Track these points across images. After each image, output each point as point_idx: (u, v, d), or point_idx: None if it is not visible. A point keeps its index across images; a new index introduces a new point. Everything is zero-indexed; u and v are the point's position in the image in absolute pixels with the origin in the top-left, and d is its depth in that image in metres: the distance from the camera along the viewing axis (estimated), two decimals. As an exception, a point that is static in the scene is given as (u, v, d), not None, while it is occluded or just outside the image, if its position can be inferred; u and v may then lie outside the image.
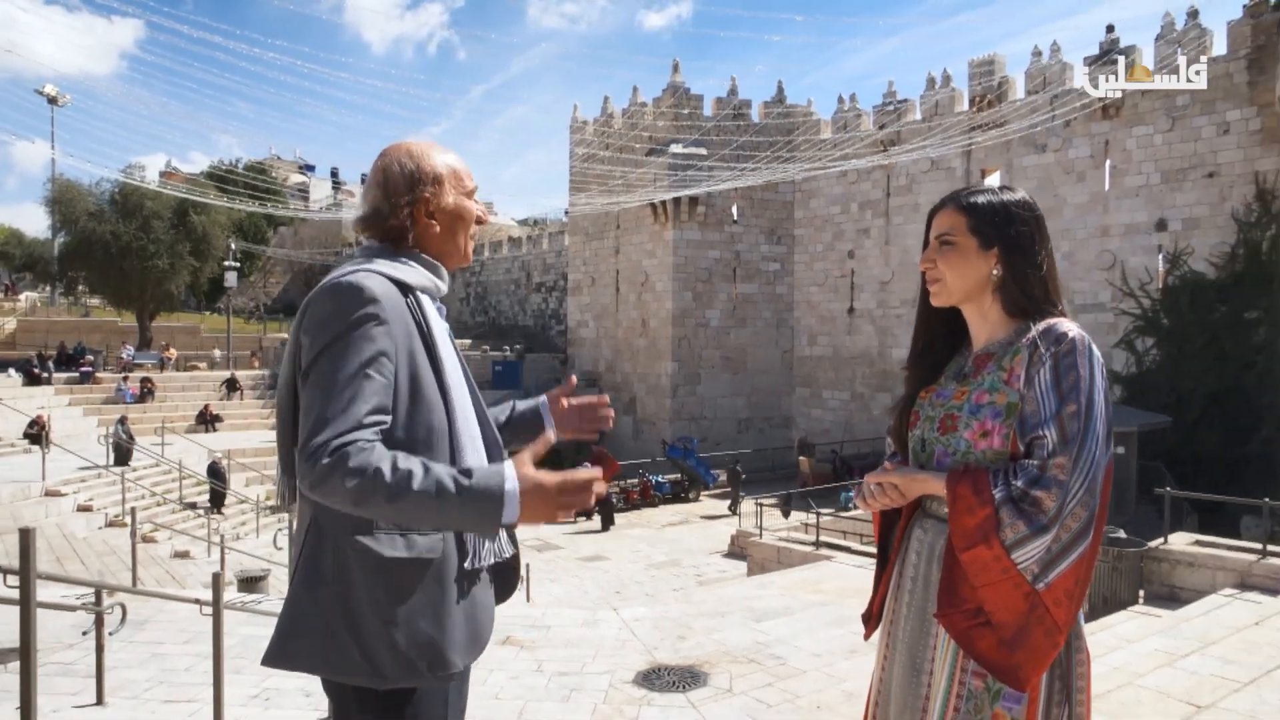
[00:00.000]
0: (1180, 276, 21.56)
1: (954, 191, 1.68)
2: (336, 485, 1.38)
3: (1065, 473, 1.41)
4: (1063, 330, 1.51)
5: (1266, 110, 20.08)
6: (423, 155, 1.69)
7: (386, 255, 1.66)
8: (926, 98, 26.76)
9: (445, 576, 1.57)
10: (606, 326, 31.98)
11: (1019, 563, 1.41)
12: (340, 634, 1.52)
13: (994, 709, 1.45)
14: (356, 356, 1.46)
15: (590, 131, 32.21)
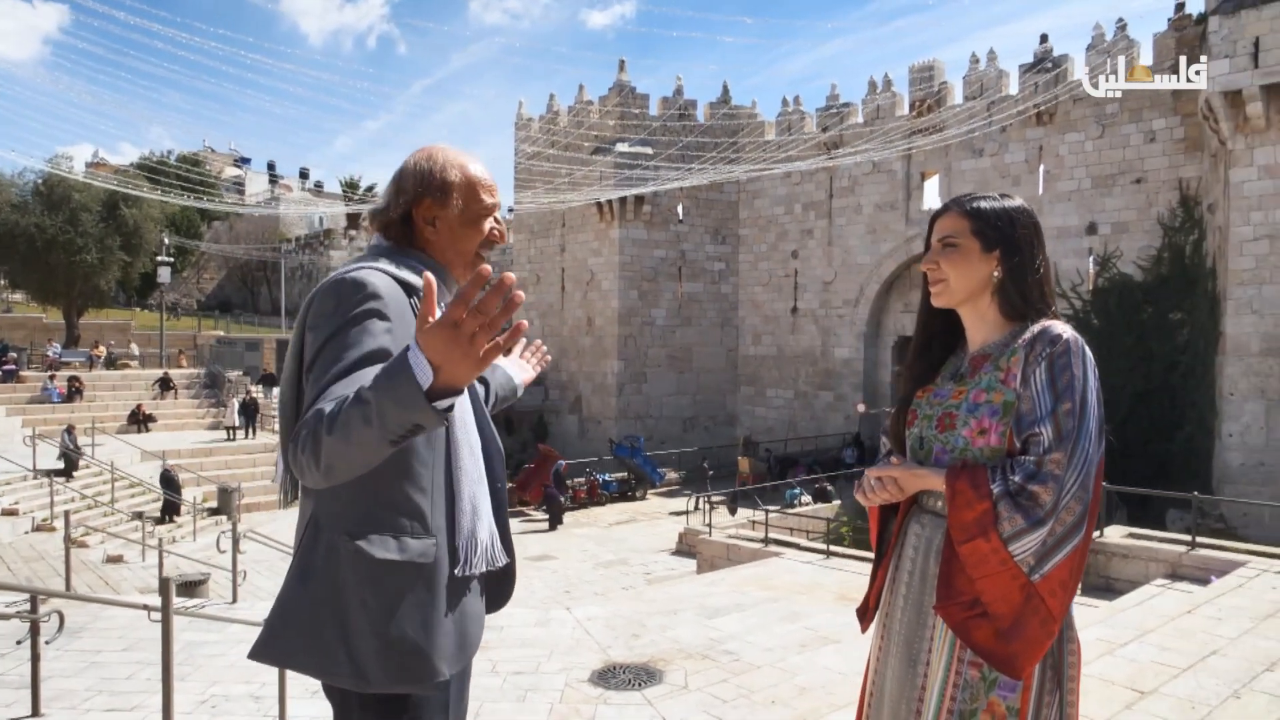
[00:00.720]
0: (1109, 278, 22.31)
1: (956, 197, 1.73)
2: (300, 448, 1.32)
3: (1061, 468, 1.46)
4: (1057, 332, 1.57)
5: (1189, 120, 20.89)
6: (442, 161, 1.69)
7: (391, 255, 1.66)
8: (868, 101, 27.23)
9: (436, 583, 1.55)
10: (552, 325, 31.86)
11: (1016, 555, 1.46)
12: (328, 634, 1.51)
13: (989, 697, 1.50)
14: (356, 350, 1.45)
15: (536, 129, 32.06)
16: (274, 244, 53.33)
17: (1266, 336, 16.77)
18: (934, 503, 1.67)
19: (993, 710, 1.50)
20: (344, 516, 1.53)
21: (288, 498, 1.70)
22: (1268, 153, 16.78)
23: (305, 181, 71.39)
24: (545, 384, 31.95)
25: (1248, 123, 16.85)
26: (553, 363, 31.64)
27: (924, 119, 25.35)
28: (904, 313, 27.34)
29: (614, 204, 28.39)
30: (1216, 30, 17.03)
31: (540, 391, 31.98)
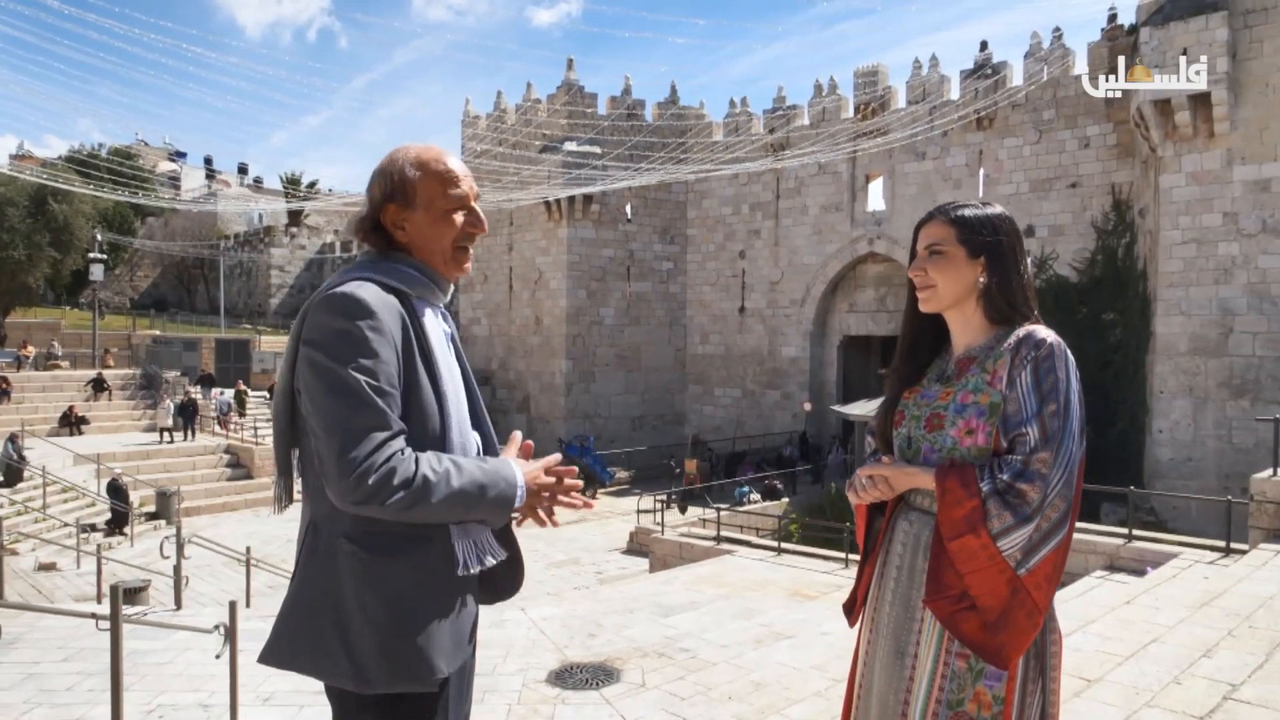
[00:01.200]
0: (1046, 280, 22.94)
1: (939, 206, 1.79)
2: (386, 498, 1.44)
3: (1047, 467, 1.52)
4: (1041, 336, 1.64)
5: (1122, 126, 21.60)
6: (400, 161, 1.70)
7: (376, 263, 1.68)
8: (814, 104, 27.59)
9: (432, 582, 1.58)
10: (499, 324, 31.67)
11: (1004, 550, 1.51)
12: (328, 636, 1.54)
13: (976, 687, 1.56)
14: (363, 370, 1.49)
15: (483, 126, 31.82)
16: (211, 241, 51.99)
17: (1194, 337, 17.42)
18: (922, 500, 1.72)
19: (979, 699, 1.55)
20: (342, 519, 1.56)
21: (281, 505, 1.72)
22: (1194, 160, 17.43)
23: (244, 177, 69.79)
24: (493, 383, 31.74)
25: (1176, 131, 17.48)
26: (500, 362, 31.46)
27: (869, 122, 25.78)
28: (849, 313, 27.78)
29: (562, 203, 28.32)
30: (1147, 41, 17.63)
31: (488, 391, 31.75)
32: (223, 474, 21.03)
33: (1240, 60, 16.83)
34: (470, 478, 1.53)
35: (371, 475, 1.44)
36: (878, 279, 27.00)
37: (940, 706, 1.58)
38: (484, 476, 1.54)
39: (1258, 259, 16.73)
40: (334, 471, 1.45)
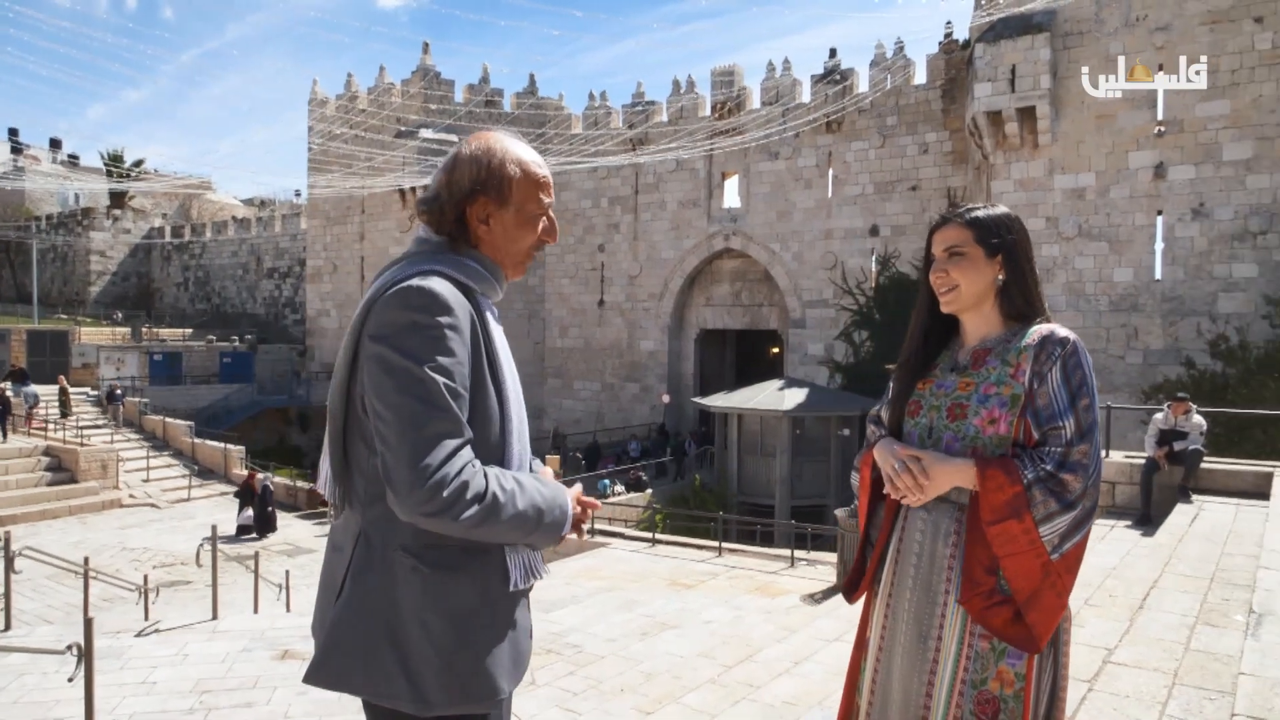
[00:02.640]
0: (889, 277, 24.30)
1: (948, 211, 1.84)
2: (459, 513, 1.36)
3: (1086, 458, 1.61)
4: (1063, 334, 1.72)
5: (957, 134, 23.13)
6: (501, 156, 1.59)
7: (444, 254, 1.57)
8: (673, 101, 28.02)
9: (493, 598, 1.52)
10: (350, 316, 30.37)
11: (1044, 535, 1.60)
12: (384, 655, 1.44)
13: (999, 666, 1.64)
14: (441, 370, 1.40)
15: (332, 109, 30.46)
16: (19, 221, 47.25)
17: (1021, 331, 18.86)
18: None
19: (1002, 677, 1.64)
20: (399, 531, 1.47)
21: (338, 511, 1.58)
22: (1022, 168, 18.87)
23: (57, 152, 63.82)
24: (343, 378, 30.54)
25: (1006, 140, 18.87)
26: (352, 355, 30.28)
27: (725, 121, 26.44)
28: (706, 307, 28.43)
29: (417, 191, 27.50)
30: (981, 56, 18.93)
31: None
32: (42, 478, 19.23)
33: (1060, 78, 18.34)
34: (531, 500, 1.47)
35: (446, 487, 1.35)
36: (733, 274, 27.75)
37: (965, 686, 1.66)
38: (543, 501, 1.49)
39: (1074, 260, 18.31)
40: (405, 480, 1.35)
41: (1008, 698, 1.63)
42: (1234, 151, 16.79)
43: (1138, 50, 17.60)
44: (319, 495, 10.79)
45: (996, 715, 1.63)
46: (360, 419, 1.50)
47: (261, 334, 34.36)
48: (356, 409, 1.50)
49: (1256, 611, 3.14)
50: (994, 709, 1.64)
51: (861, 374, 24.30)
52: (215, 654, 6.93)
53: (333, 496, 1.56)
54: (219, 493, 20.63)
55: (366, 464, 1.50)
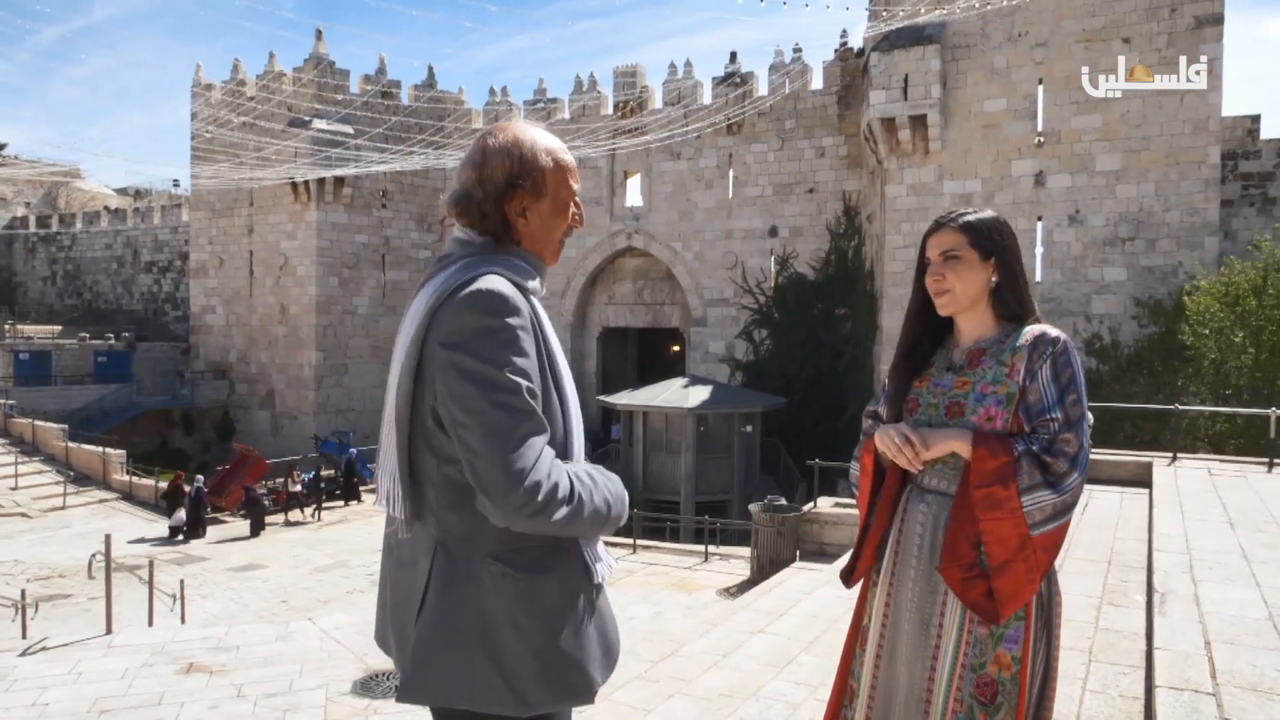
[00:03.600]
0: (788, 277, 24.93)
1: (940, 216, 1.93)
2: (554, 512, 1.38)
3: (1071, 447, 1.72)
4: (1054, 335, 1.82)
5: (852, 139, 23.91)
6: (531, 146, 1.57)
7: (494, 253, 1.55)
8: (575, 99, 27.97)
9: (579, 592, 1.52)
10: (239, 313, 29.23)
11: (1025, 506, 1.69)
12: (480, 664, 1.44)
13: (996, 650, 1.74)
14: (519, 372, 1.40)
15: (218, 96, 29.11)
16: None
17: (912, 330, 19.66)
18: (938, 483, 1.87)
19: (999, 661, 1.73)
20: (486, 539, 1.46)
21: (409, 522, 1.53)
22: (914, 173, 19.67)
23: (-98, 135, 58.76)
24: (231, 377, 29.28)
25: (899, 146, 19.62)
26: (240, 354, 29.11)
27: (627, 121, 26.57)
28: (608, 305, 28.52)
29: (311, 184, 26.66)
30: (876, 65, 19.63)
31: (225, 385, 29.27)
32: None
33: (950, 89, 19.20)
34: (604, 494, 1.49)
35: (541, 489, 1.36)
36: (635, 273, 27.93)
37: (965, 670, 1.75)
38: (610, 494, 1.51)
39: (962, 263, 19.19)
40: (501, 485, 1.34)
41: (1005, 680, 1.74)
42: (1105, 163, 17.94)
43: (1019, 64, 18.60)
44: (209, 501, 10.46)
45: (995, 697, 1.74)
46: (429, 429, 1.47)
47: (140, 331, 32.55)
48: (425, 419, 1.47)
49: (1160, 591, 3.40)
50: (992, 691, 1.74)
51: (761, 372, 24.86)
52: (113, 670, 6.60)
53: (399, 511, 1.53)
54: (98, 500, 19.48)
55: (436, 474, 1.48)
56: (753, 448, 21.25)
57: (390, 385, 1.54)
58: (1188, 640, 2.85)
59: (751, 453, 21.20)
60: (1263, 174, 20.38)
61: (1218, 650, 2.75)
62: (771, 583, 7.40)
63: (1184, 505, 5.47)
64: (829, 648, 4.87)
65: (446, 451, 1.46)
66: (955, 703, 1.76)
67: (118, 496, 19.93)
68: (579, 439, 1.58)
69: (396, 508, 1.53)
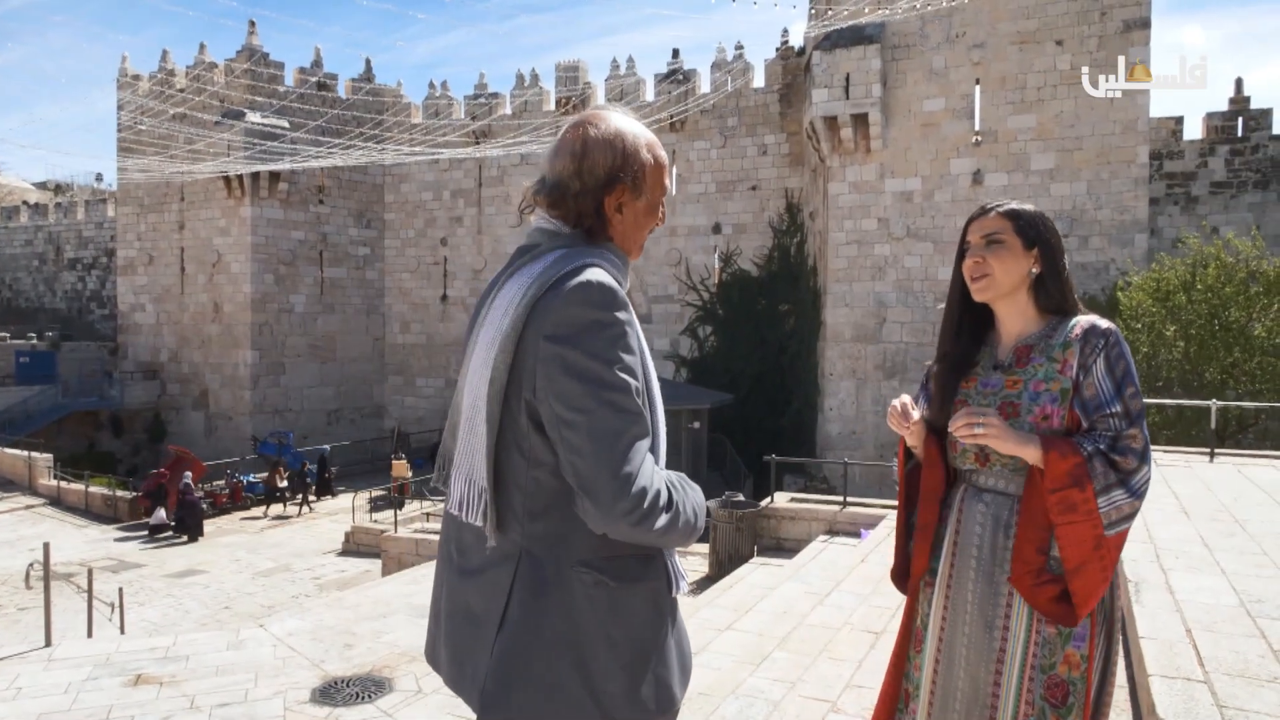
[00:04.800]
0: (732, 274, 25.10)
1: (985, 204, 1.89)
2: (656, 519, 1.32)
3: (1138, 443, 1.69)
4: (1105, 327, 1.77)
5: (794, 137, 24.16)
6: (633, 141, 1.48)
7: (590, 247, 1.46)
8: (517, 95, 27.72)
9: (664, 604, 1.46)
10: (169, 311, 28.28)
11: (1101, 507, 1.65)
12: (569, 680, 1.36)
13: (1065, 650, 1.72)
14: (628, 370, 1.34)
15: (146, 88, 28.10)
16: None
17: (856, 325, 20.00)
18: (995, 482, 1.83)
19: (1069, 660, 1.72)
20: (576, 546, 1.38)
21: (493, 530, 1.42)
22: (856, 171, 19.97)
23: None
24: (162, 377, 28.34)
25: (841, 145, 19.89)
26: (171, 353, 28.20)
27: (570, 117, 26.37)
28: (552, 302, 28.31)
29: (245, 179, 25.91)
30: (818, 64, 19.85)
31: (155, 386, 28.30)
32: None
33: (890, 88, 19.53)
34: (693, 504, 1.43)
35: (648, 495, 1.30)
36: (580, 269, 27.79)
37: (1035, 672, 1.73)
38: (697, 504, 1.45)
39: (904, 259, 19.57)
40: (609, 490, 1.27)
41: (1075, 680, 1.72)
42: (1040, 162, 18.45)
43: (957, 65, 19.01)
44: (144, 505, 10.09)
45: (1066, 698, 1.72)
46: (521, 430, 1.39)
47: (65, 331, 31.29)
48: (518, 419, 1.39)
49: (1133, 581, 3.49)
50: (1064, 692, 1.72)
51: (706, 368, 24.99)
52: (56, 684, 6.31)
53: (479, 518, 1.43)
54: (24, 506, 18.68)
55: (526, 477, 1.40)
56: (700, 444, 21.34)
57: (472, 383, 1.45)
58: (1169, 629, 2.92)
59: (699, 449, 21.30)
60: (1186, 173, 21.23)
61: (1200, 638, 2.83)
62: (733, 578, 7.42)
63: (1137, 495, 5.64)
64: (802, 643, 4.90)
65: (538, 454, 1.38)
66: (1027, 705, 1.74)
67: (45, 502, 19.16)
68: (664, 444, 1.50)
69: (476, 514, 1.44)
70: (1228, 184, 20.89)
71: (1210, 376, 13.66)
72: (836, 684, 4.20)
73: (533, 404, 1.37)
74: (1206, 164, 21.10)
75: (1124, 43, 17.73)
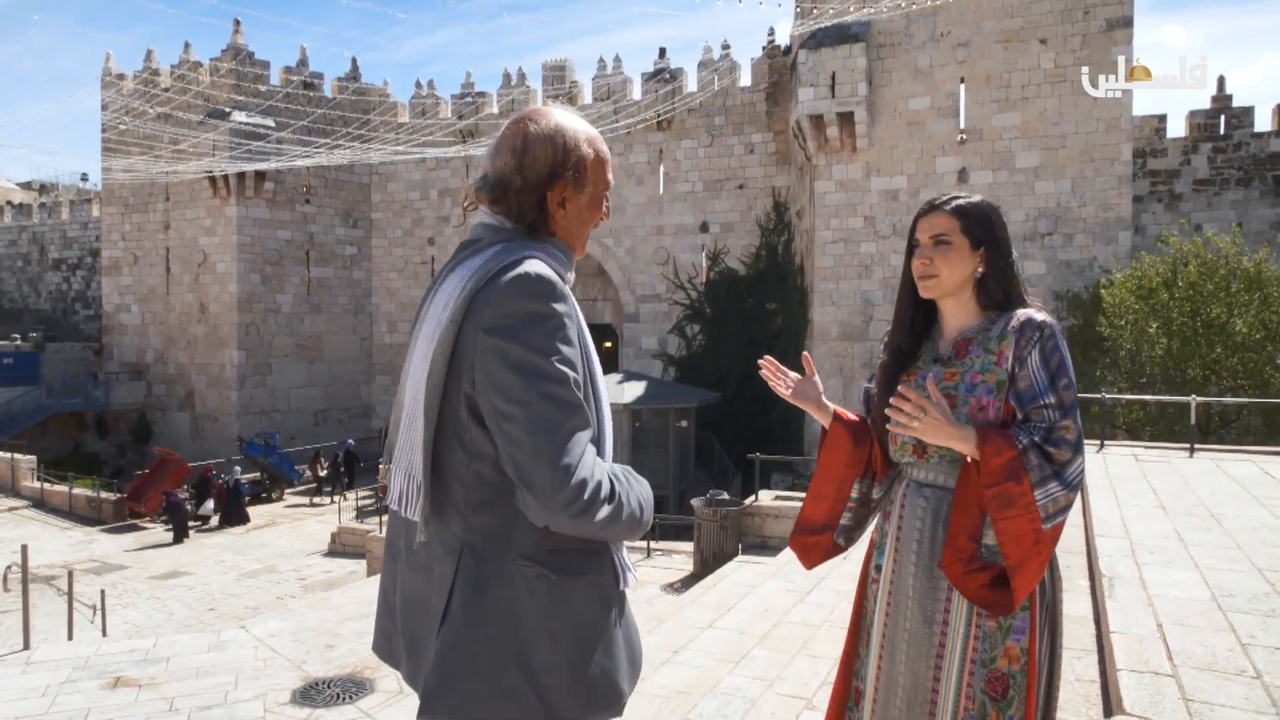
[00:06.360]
0: (719, 272, 25.12)
1: (933, 199, 1.88)
2: (597, 512, 1.31)
3: (1070, 434, 1.69)
4: (1042, 319, 1.78)
5: (781, 136, 24.19)
6: (574, 135, 1.49)
7: (531, 241, 1.46)
8: (503, 94, 27.66)
9: (609, 598, 1.45)
10: (155, 311, 28.11)
11: (1038, 500, 1.66)
12: (510, 674, 1.35)
13: (1005, 643, 1.72)
14: (566, 362, 1.33)
15: (130, 87, 27.92)
16: None
17: (843, 324, 20.05)
18: (935, 476, 1.85)
19: (1009, 654, 1.72)
20: (518, 540, 1.38)
21: (428, 521, 1.42)
22: (842, 169, 20.00)
23: None
24: (147, 378, 28.17)
25: (828, 143, 19.93)
26: (157, 354, 28.04)
27: (558, 115, 26.36)
28: (540, 301, 28.28)
29: (230, 178, 25.77)
30: (804, 63, 19.88)
31: (141, 387, 28.13)
32: None
33: (875, 86, 19.57)
34: (638, 496, 1.43)
35: (588, 486, 1.30)
36: (568, 268, 27.76)
37: (975, 666, 1.73)
38: (643, 497, 1.45)
39: (890, 257, 19.61)
40: (547, 481, 1.27)
41: (1015, 673, 1.72)
42: (1025, 160, 18.53)
43: (942, 63, 19.06)
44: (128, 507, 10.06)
45: (1006, 692, 1.72)
46: (462, 423, 1.38)
47: (49, 331, 31.06)
48: (458, 412, 1.38)
49: (1107, 576, 3.51)
50: (1004, 686, 1.73)
51: (694, 366, 25.00)
52: (33, 688, 6.27)
53: (415, 511, 1.43)
54: (7, 508, 18.54)
55: (466, 471, 1.39)
56: (688, 443, 21.35)
57: (413, 377, 1.45)
58: (1140, 624, 2.94)
59: (686, 448, 21.30)
60: (1169, 171, 21.35)
61: (1170, 632, 2.84)
62: (716, 577, 7.43)
63: (1117, 491, 5.67)
64: (782, 641, 4.90)
65: (479, 447, 1.38)
66: (967, 700, 1.74)
67: (28, 504, 19.03)
68: (610, 437, 1.50)
69: (413, 508, 1.44)
70: (1211, 181, 21.03)
71: (1193, 373, 13.74)
72: (813, 681, 4.21)
73: (472, 397, 1.36)
74: (1190, 162, 21.23)
75: (1107, 41, 17.82)
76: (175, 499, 16.25)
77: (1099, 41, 17.88)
